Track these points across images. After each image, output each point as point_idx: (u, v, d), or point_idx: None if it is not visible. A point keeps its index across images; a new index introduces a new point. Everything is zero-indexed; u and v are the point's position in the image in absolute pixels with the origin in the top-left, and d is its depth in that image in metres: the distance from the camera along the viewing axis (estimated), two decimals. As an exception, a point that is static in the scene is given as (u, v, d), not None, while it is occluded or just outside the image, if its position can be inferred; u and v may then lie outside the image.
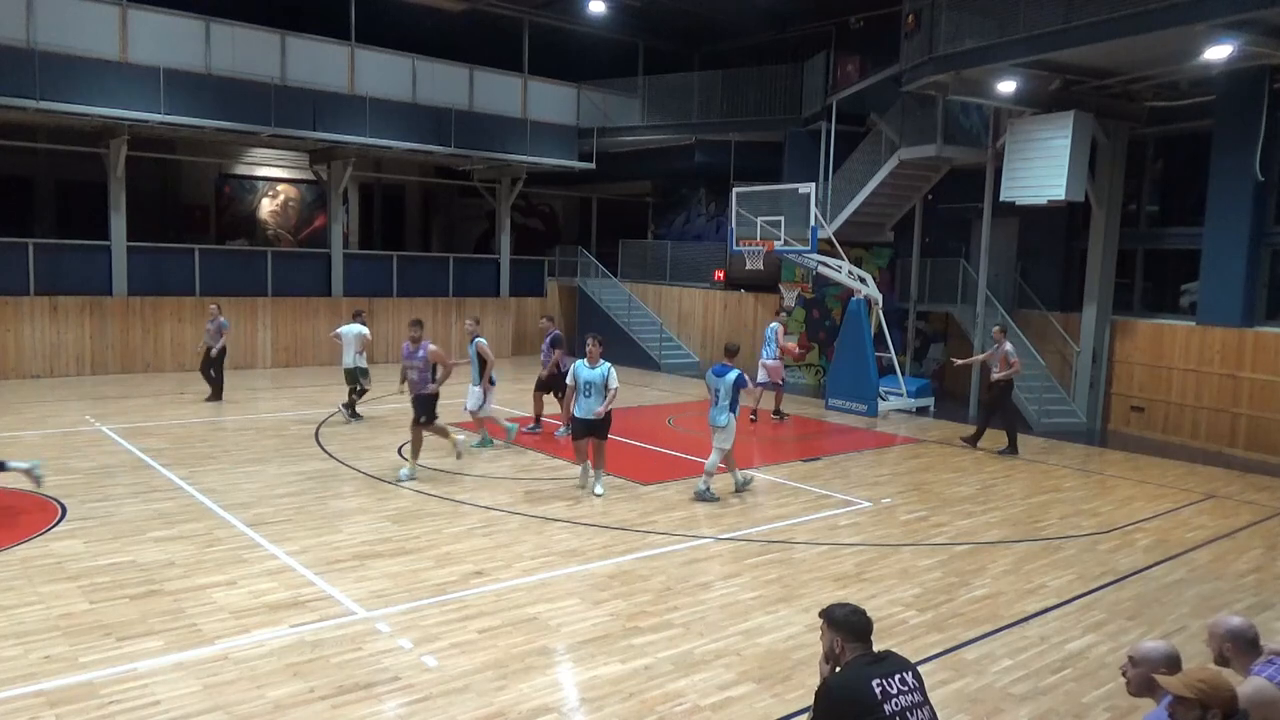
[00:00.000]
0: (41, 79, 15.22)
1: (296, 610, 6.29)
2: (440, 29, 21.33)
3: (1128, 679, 3.57)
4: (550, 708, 5.08)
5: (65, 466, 10.12)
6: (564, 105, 22.00)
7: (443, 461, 10.98)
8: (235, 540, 7.79)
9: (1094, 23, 11.81)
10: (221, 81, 17.13)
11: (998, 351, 12.80)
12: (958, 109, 16.49)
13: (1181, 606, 7.11)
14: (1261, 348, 13.38)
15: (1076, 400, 15.48)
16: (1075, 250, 16.37)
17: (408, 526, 8.35)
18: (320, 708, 4.97)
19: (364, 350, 13.49)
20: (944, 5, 13.75)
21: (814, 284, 19.15)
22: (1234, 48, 11.38)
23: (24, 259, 16.69)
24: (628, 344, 22.42)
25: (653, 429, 14.04)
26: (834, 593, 6.98)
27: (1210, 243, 13.97)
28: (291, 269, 20.05)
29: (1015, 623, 6.60)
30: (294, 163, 23.39)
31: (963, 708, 5.25)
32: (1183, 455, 13.39)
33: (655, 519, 8.92)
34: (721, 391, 9.56)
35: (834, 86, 19.27)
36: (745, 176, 20.65)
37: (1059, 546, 8.54)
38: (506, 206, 23.08)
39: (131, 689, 5.07)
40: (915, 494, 10.42)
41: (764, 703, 5.22)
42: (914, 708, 3.35)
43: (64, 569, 6.91)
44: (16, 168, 19.82)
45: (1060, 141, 13.80)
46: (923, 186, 18.32)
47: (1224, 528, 9.48)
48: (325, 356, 20.09)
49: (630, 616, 6.41)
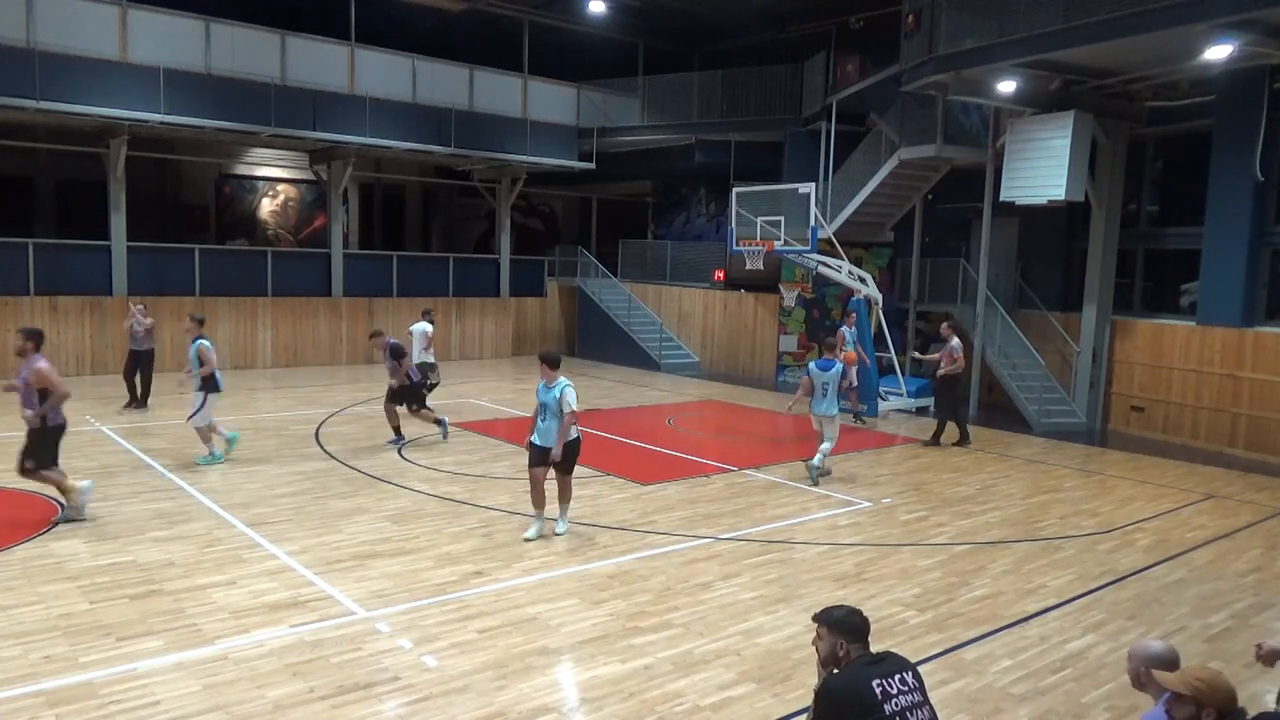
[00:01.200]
0: (41, 79, 15.22)
1: (296, 610, 6.29)
2: (440, 29, 21.34)
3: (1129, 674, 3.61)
4: (550, 708, 5.09)
5: (65, 466, 10.08)
6: (564, 105, 22.01)
7: (443, 461, 10.99)
8: (235, 540, 7.79)
9: (1094, 23, 11.81)
10: (221, 81, 17.13)
11: (944, 348, 13.19)
12: (958, 109, 16.49)
13: (1181, 606, 7.11)
14: (1261, 348, 13.37)
15: (1076, 400, 15.48)
16: (1075, 250, 16.37)
17: (408, 526, 8.35)
18: (320, 708, 4.97)
19: (430, 346, 14.30)
20: (944, 5, 13.75)
21: (814, 284, 19.15)
22: (1234, 48, 11.37)
23: (24, 259, 16.68)
24: (628, 344, 22.44)
25: (653, 429, 14.03)
26: (834, 593, 6.98)
27: (1210, 243, 13.97)
28: (291, 269, 20.05)
29: (1015, 623, 6.60)
30: (294, 163, 23.38)
31: (963, 708, 5.25)
32: (1183, 455, 13.39)
33: (655, 519, 8.92)
34: (830, 385, 10.51)
35: (834, 86, 19.27)
36: (745, 176, 20.65)
37: (1059, 546, 8.54)
38: (506, 206, 23.09)
39: (131, 689, 5.07)
40: (915, 494, 10.42)
41: (764, 703, 5.22)
42: (914, 708, 3.35)
43: (64, 569, 6.91)
44: (16, 168, 19.80)
45: (1060, 141, 13.80)
46: (923, 186, 18.32)
47: (1224, 528, 9.48)
48: (325, 356, 20.13)
49: (630, 616, 6.41)
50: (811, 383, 10.59)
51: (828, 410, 10.57)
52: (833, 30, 20.58)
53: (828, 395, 10.54)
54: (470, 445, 12.10)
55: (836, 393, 10.62)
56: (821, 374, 10.54)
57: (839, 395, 10.70)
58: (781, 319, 19.98)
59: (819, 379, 10.53)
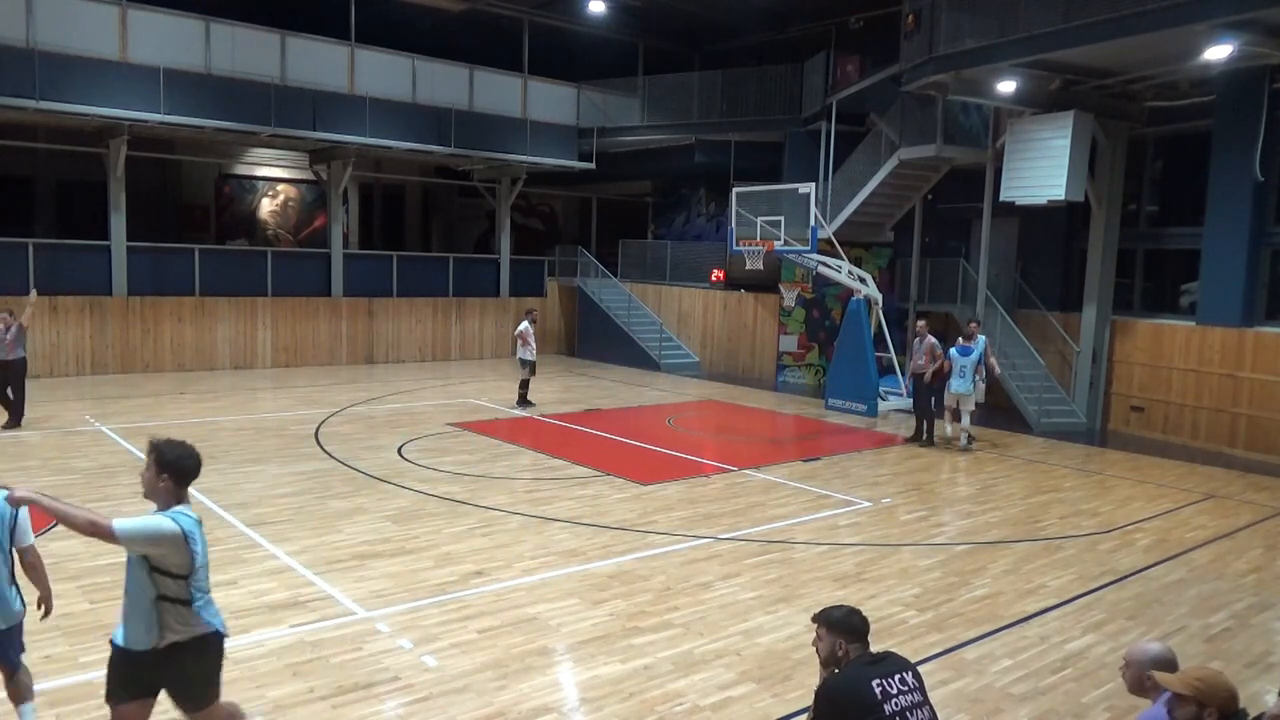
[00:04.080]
0: (41, 79, 15.22)
1: (296, 610, 6.29)
2: (440, 29, 21.35)
3: (1124, 678, 3.57)
4: (550, 708, 5.09)
5: (65, 466, 10.12)
6: (564, 105, 22.01)
7: (443, 461, 10.99)
8: (235, 540, 7.79)
9: (1094, 23, 11.81)
10: (221, 81, 17.13)
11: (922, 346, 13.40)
12: (958, 109, 16.49)
13: (1181, 606, 7.11)
14: (1261, 348, 13.37)
15: (1076, 400, 15.48)
16: (1075, 250, 16.37)
17: (408, 526, 8.35)
18: (320, 708, 4.97)
19: (527, 343, 15.35)
20: (944, 5, 13.74)
21: (814, 284, 19.15)
22: (1234, 48, 11.37)
23: (24, 259, 16.68)
24: (628, 344, 22.43)
25: (653, 429, 14.04)
26: (834, 593, 6.98)
27: (1210, 243, 13.97)
28: (291, 269, 20.05)
29: (1015, 623, 6.60)
30: (294, 163, 23.39)
31: (963, 708, 5.25)
32: (1183, 455, 13.39)
33: (655, 519, 8.92)
34: (968, 368, 12.65)
35: (834, 86, 19.27)
36: (745, 176, 20.64)
37: (1059, 546, 8.54)
38: (506, 206, 23.09)
39: (131, 689, 5.06)
40: (915, 494, 10.42)
41: (764, 703, 5.22)
42: (914, 707, 3.35)
43: (64, 569, 6.90)
44: (16, 168, 19.80)
45: (1060, 141, 13.80)
46: (923, 186, 18.32)
47: (1224, 528, 9.48)
48: (325, 356, 20.13)
49: (630, 616, 6.41)
50: (952, 364, 12.84)
51: (963, 388, 12.73)
52: (833, 30, 20.58)
53: (965, 375, 12.67)
54: (470, 445, 12.10)
55: (973, 374, 12.72)
56: (960, 358, 12.76)
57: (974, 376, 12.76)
58: (781, 319, 19.98)
59: (958, 362, 12.73)
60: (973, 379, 12.72)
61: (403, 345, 21.34)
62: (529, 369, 15.47)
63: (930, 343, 13.27)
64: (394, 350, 21.22)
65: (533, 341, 15.41)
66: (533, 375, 15.64)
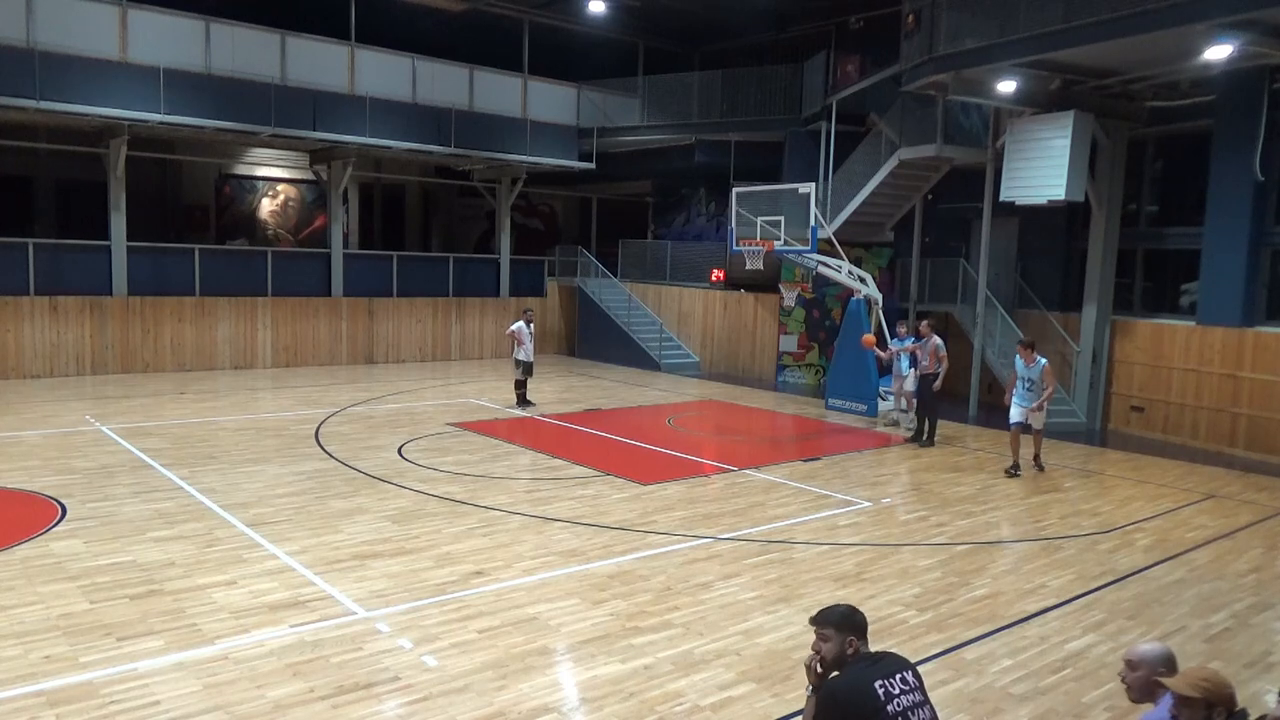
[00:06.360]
0: (41, 79, 15.22)
1: (296, 610, 6.29)
2: (440, 29, 21.34)
3: (1128, 684, 3.48)
4: (550, 708, 5.08)
5: (65, 466, 10.12)
6: (564, 105, 22.01)
7: (443, 461, 10.99)
8: (235, 540, 7.79)
9: (1094, 23, 11.81)
10: (221, 81, 17.13)
11: (927, 344, 13.25)
12: (958, 109, 16.49)
13: (1181, 606, 7.11)
14: (1261, 348, 13.37)
15: (1076, 400, 15.48)
16: (1075, 250, 16.37)
17: (408, 526, 8.35)
18: (320, 708, 4.97)
19: (521, 344, 15.26)
20: (944, 5, 13.75)
21: (814, 284, 19.15)
22: (1234, 48, 11.37)
23: (24, 259, 16.69)
24: (628, 344, 22.43)
25: (653, 429, 14.04)
26: (834, 593, 6.98)
27: (1210, 243, 13.97)
28: (291, 269, 20.05)
29: (1015, 623, 6.60)
30: (294, 163, 23.38)
31: (963, 708, 5.25)
32: (1183, 455, 13.38)
33: (655, 519, 8.92)
34: (1035, 381, 11.78)
35: (834, 86, 19.27)
36: (745, 176, 20.65)
37: (1059, 546, 8.54)
38: (506, 206, 23.09)
39: (131, 689, 5.07)
40: (915, 494, 10.42)
41: (764, 703, 5.22)
42: (915, 707, 3.34)
43: (64, 569, 6.91)
44: (16, 168, 19.81)
45: (1060, 141, 13.80)
46: (923, 186, 18.32)
47: (1224, 528, 9.47)
48: (325, 356, 20.13)
49: (630, 616, 6.41)
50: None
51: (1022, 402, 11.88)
52: (833, 30, 20.59)
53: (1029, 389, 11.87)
54: (470, 445, 12.10)
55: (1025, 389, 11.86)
56: (1025, 370, 11.92)
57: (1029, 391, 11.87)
58: (781, 319, 19.98)
59: (1023, 374, 11.96)
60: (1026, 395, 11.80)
61: (403, 345, 21.34)
62: (522, 369, 15.35)
63: (935, 343, 13.20)
64: (394, 350, 21.22)
65: (528, 342, 15.25)
66: (528, 376, 15.53)
